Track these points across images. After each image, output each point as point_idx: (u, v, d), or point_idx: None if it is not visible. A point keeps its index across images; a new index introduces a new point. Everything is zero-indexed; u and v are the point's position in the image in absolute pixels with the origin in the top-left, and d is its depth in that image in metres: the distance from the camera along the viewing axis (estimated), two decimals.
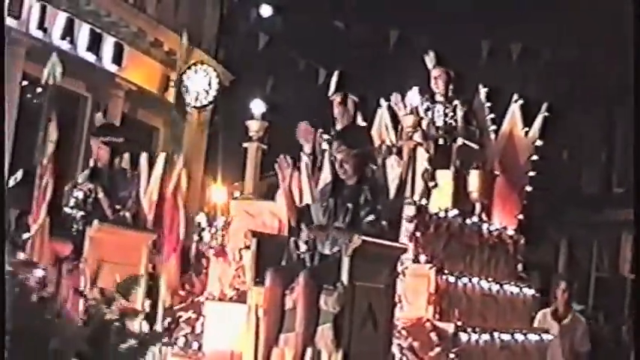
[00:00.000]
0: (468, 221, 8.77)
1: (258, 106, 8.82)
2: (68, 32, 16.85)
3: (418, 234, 7.95)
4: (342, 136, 6.97)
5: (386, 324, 6.60)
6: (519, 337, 8.85)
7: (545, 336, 9.40)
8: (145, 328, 8.16)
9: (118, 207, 8.01)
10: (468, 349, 7.84)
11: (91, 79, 17.45)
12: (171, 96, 18.72)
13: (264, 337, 6.47)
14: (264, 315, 6.49)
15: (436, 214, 8.27)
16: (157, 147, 19.36)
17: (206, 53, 19.50)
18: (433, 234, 8.16)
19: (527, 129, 9.75)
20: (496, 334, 8.39)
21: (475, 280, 8.42)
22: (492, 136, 9.88)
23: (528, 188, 9.63)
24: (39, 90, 17.19)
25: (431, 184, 9.05)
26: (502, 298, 8.98)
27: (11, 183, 16.03)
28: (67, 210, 8.08)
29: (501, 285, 8.93)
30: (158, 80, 18.58)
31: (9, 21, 15.63)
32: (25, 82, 16.65)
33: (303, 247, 6.68)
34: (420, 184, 8.67)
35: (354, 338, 6.28)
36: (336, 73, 8.97)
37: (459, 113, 9.59)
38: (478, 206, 9.24)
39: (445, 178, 9.25)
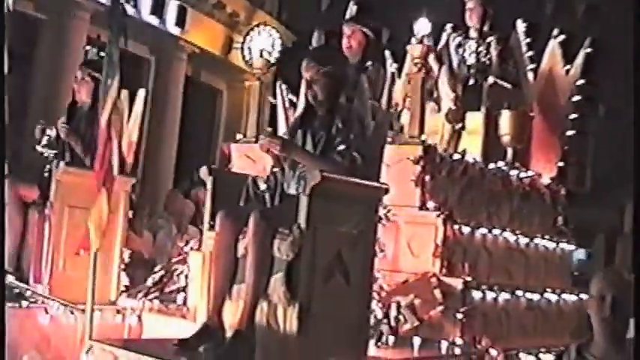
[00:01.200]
0: (491, 166, 7.36)
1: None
2: (157, 8, 16.13)
3: (426, 177, 6.61)
4: (312, 54, 5.71)
5: (361, 276, 5.32)
6: (552, 296, 7.43)
7: (584, 296, 7.91)
8: (125, 281, 7.19)
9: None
10: (480, 309, 6.51)
11: (154, 43, 16.68)
12: (234, 58, 17.70)
13: (213, 289, 5.33)
14: (214, 263, 5.34)
15: (450, 156, 6.91)
16: (221, 109, 18.49)
17: (269, 14, 18.40)
18: (445, 178, 6.83)
19: (568, 67, 8.22)
20: (521, 293, 6.98)
21: (497, 231, 7.01)
22: (530, 75, 8.38)
23: (569, 132, 8.13)
24: (102, 54, 16.48)
25: (457, 125, 7.71)
26: (534, 253, 7.61)
27: None
28: (38, 149, 7.02)
29: (532, 238, 7.48)
30: (221, 42, 17.61)
31: None
32: (88, 47, 15.90)
33: (262, 186, 5.45)
34: (431, 123, 7.39)
35: (316, 291, 5.06)
36: (352, 2, 7.60)
37: (493, 51, 8.16)
38: (510, 151, 7.81)
39: (476, 120, 7.89)
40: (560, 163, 8.23)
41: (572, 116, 8.24)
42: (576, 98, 8.22)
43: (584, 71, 8.21)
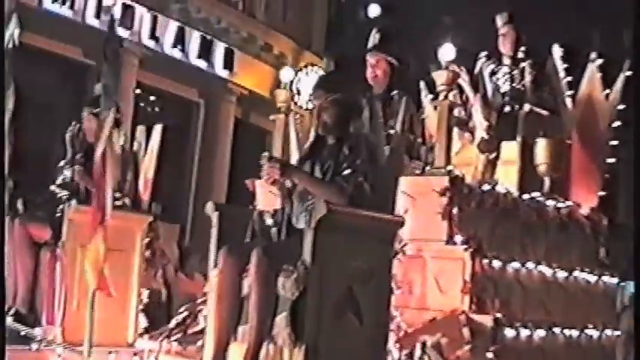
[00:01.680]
0: (525, 197, 6.88)
1: None
2: (179, 40, 16.06)
3: (454, 210, 6.16)
4: (320, 81, 5.36)
5: (376, 314, 4.91)
6: (593, 333, 6.87)
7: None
8: (144, 322, 6.88)
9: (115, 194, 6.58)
10: (513, 347, 6.01)
11: (203, 86, 16.54)
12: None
13: (217, 330, 4.95)
14: (217, 303, 4.97)
15: (480, 187, 6.47)
16: (271, 150, 18.19)
17: (316, 55, 18.15)
18: (474, 210, 6.36)
19: (608, 91, 7.72)
20: (558, 330, 6.46)
21: (531, 265, 6.51)
22: (569, 102, 7.89)
23: (610, 160, 7.60)
24: (152, 98, 16.54)
25: (491, 155, 7.26)
26: (573, 287, 7.06)
27: None
28: (52, 188, 6.75)
29: (571, 271, 6.96)
30: (269, 84, 17.40)
31: (122, 31, 15.09)
32: (138, 91, 16.03)
33: (269, 220, 5.08)
34: (466, 154, 6.95)
35: (325, 331, 4.66)
36: (375, 30, 7.23)
37: (528, 77, 7.70)
38: (547, 181, 7.32)
39: (512, 149, 7.43)
40: (601, 192, 7.65)
41: (613, 143, 7.67)
42: (617, 124, 7.67)
43: (625, 95, 7.67)
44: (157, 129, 6.78)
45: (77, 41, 14.73)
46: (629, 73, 7.73)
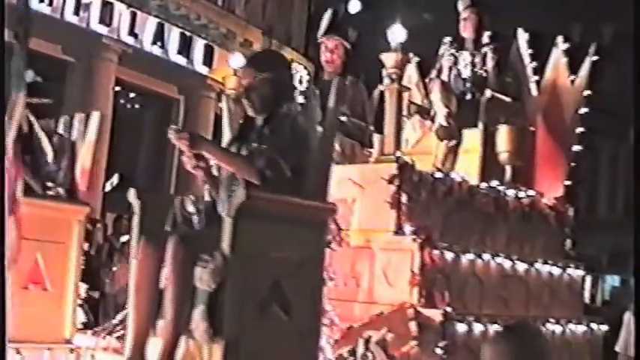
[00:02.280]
0: (483, 185, 6.47)
1: None
2: (159, 37, 15.72)
3: (403, 198, 5.74)
4: (250, 59, 4.94)
5: (306, 309, 4.47)
6: (556, 328, 6.44)
7: (596, 326, 6.93)
8: (82, 317, 6.46)
9: (48, 183, 6.17)
10: (466, 343, 5.59)
11: (182, 82, 16.15)
12: None
13: (134, 325, 4.52)
14: (134, 296, 4.54)
15: (432, 174, 6.04)
16: None
17: (295, 51, 17.74)
18: (426, 199, 5.93)
19: (574, 77, 7.30)
20: None
21: (487, 257, 6.08)
22: (534, 88, 7.46)
23: (576, 147, 7.18)
24: (132, 95, 16.19)
25: (450, 143, 6.84)
26: (535, 280, 6.62)
27: (107, 188, 14.84)
28: None
29: (532, 264, 6.53)
30: None
31: (100, 28, 14.79)
32: (117, 88, 15.70)
33: (191, 208, 4.65)
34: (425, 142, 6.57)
35: (247, 326, 4.22)
36: (328, 13, 6.80)
37: (490, 62, 7.28)
38: (509, 169, 6.90)
39: (473, 137, 7.02)
40: (567, 182, 7.23)
41: (579, 130, 7.25)
42: (583, 110, 7.24)
43: (591, 81, 7.24)
44: (95, 116, 6.34)
45: (56, 38, 14.38)
46: (595, 57, 7.31)
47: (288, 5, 18.27)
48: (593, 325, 7.00)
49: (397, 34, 6.10)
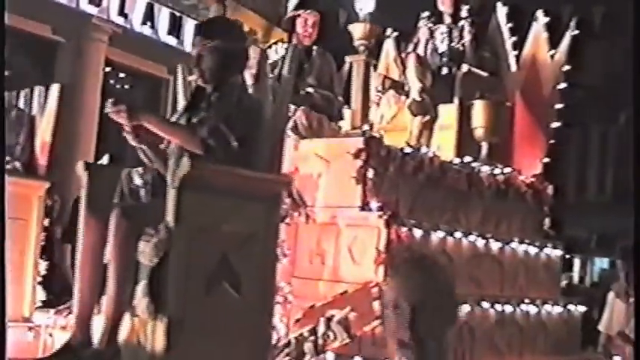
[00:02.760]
0: (456, 162, 6.24)
1: None
2: (149, 17, 15.46)
3: (369, 173, 5.52)
4: (200, 27, 4.71)
5: (258, 285, 4.25)
6: (531, 308, 6.22)
7: (573, 307, 6.71)
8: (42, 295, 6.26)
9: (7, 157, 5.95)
10: None
11: (172, 63, 15.79)
12: None
13: (78, 301, 4.31)
14: (79, 271, 4.33)
15: (401, 149, 5.80)
16: None
17: (286, 32, 17.40)
18: (395, 175, 5.71)
19: (554, 52, 7.05)
20: (488, 305, 5.81)
21: (458, 234, 5.86)
22: (513, 63, 7.22)
23: (555, 124, 6.93)
24: (122, 75, 15.95)
25: (425, 118, 6.61)
26: (510, 260, 6.39)
27: None
28: None
29: (508, 243, 6.30)
30: None
31: (90, 8, 14.57)
32: (107, 68, 15.46)
33: (138, 180, 4.43)
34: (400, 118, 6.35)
35: (193, 303, 4.00)
36: None
37: (467, 35, 7.03)
38: (485, 145, 6.67)
39: (450, 113, 6.79)
40: (546, 159, 6.99)
41: (558, 106, 7.01)
42: (562, 86, 7.00)
43: (571, 56, 6.99)
44: (54, 88, 6.12)
45: (46, 19, 14.14)
46: (576, 32, 7.06)
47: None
48: (571, 307, 6.77)
49: (365, 4, 5.86)
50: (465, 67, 6.93)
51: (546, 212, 6.99)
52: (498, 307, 5.97)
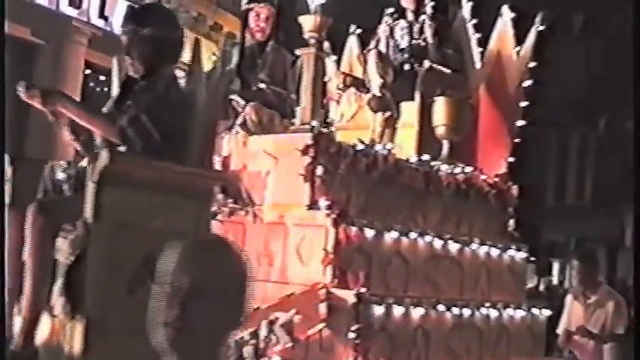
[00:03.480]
0: (413, 159, 6.03)
1: None
2: (102, 10, 15.28)
3: (318, 171, 5.30)
4: (129, 14, 4.51)
5: None
6: (492, 312, 5.99)
7: (537, 312, 6.48)
8: None
9: None
10: (384, 326, 5.14)
11: None
12: None
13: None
14: (8, 270, 4.13)
15: (353, 146, 5.59)
16: None
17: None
18: (346, 173, 5.49)
19: (519, 48, 6.83)
20: (442, 308, 5.59)
21: (414, 235, 5.63)
22: (478, 59, 7.01)
23: (520, 123, 6.72)
24: (102, 78, 15.74)
25: (385, 114, 6.41)
26: (471, 262, 6.18)
27: None
28: None
29: (468, 244, 6.08)
30: None
31: (70, 11, 14.40)
32: (87, 71, 15.27)
33: (61, 174, 4.22)
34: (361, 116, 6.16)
35: (115, 303, 3.80)
36: None
37: (428, 31, 6.83)
38: (446, 144, 6.46)
39: (412, 111, 6.58)
40: (510, 159, 6.77)
41: (524, 104, 6.79)
42: (528, 83, 6.78)
43: (537, 52, 6.78)
44: None
45: (25, 21, 13.96)
46: (541, 27, 6.85)
47: None
48: (535, 311, 6.54)
49: None
50: (426, 64, 6.71)
51: (510, 213, 6.76)
52: (456, 310, 5.74)
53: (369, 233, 5.46)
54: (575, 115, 18.64)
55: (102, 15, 15.14)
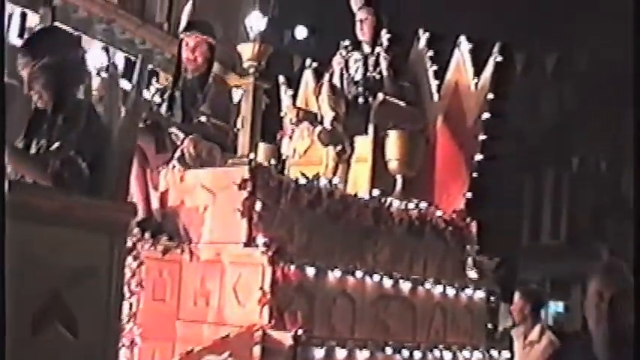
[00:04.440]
0: (362, 195, 5.75)
1: None
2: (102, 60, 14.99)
3: (256, 206, 5.02)
4: (24, 46, 4.23)
5: (98, 326, 3.71)
6: (446, 354, 5.68)
7: (496, 354, 6.16)
8: None
9: None
10: None
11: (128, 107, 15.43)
12: None
13: None
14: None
15: (296, 180, 5.32)
16: None
17: (240, 77, 17.02)
18: (288, 208, 5.20)
19: (477, 80, 6.59)
20: (390, 351, 5.28)
21: (359, 274, 5.34)
22: (435, 92, 6.76)
23: (478, 157, 6.45)
24: None
25: (336, 149, 6.16)
26: (425, 303, 5.87)
27: None
28: None
29: (421, 283, 5.78)
30: None
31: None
32: None
33: None
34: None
35: (19, 344, 3.48)
36: (188, 7, 6.07)
37: (383, 63, 6.60)
38: (399, 179, 6.19)
39: (365, 145, 6.33)
40: (468, 194, 6.49)
41: (482, 137, 6.52)
42: (486, 116, 6.52)
43: (496, 83, 6.54)
44: None
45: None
46: (500, 58, 6.61)
47: (234, 31, 17.62)
48: (494, 352, 6.22)
49: (256, 22, 5.42)
50: (380, 96, 6.46)
51: (469, 251, 6.45)
52: (406, 352, 5.42)
53: (311, 272, 5.16)
54: (548, 154, 18.56)
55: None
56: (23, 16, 14.08)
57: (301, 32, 15.92)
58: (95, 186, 3.86)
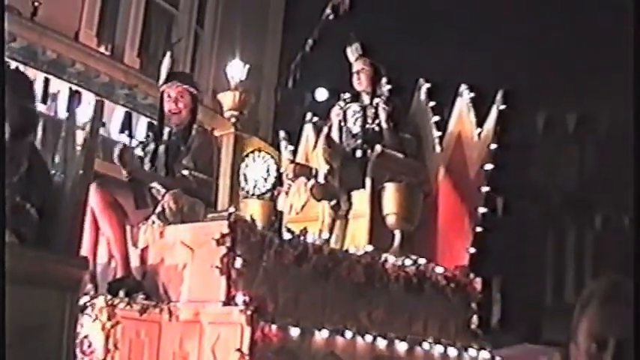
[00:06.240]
0: (352, 250, 5.46)
1: None
2: (126, 126, 15.00)
3: (237, 263, 4.76)
4: None
5: None
6: None
7: None
8: None
9: None
10: None
11: None
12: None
13: None
14: None
15: (280, 235, 5.05)
16: None
17: (263, 140, 16.85)
18: (272, 264, 4.93)
19: (480, 129, 6.32)
20: None
21: (349, 334, 5.02)
22: (437, 144, 6.50)
23: (482, 209, 6.13)
24: None
25: (331, 204, 5.91)
26: None
27: None
28: None
29: (418, 343, 5.44)
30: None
31: (39, 106, 14.17)
32: None
33: None
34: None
35: None
36: (167, 58, 5.85)
37: (382, 115, 6.36)
38: (398, 234, 5.89)
39: (363, 199, 6.07)
40: (472, 249, 6.16)
41: (485, 189, 6.22)
42: (489, 167, 6.22)
43: (500, 133, 6.25)
44: None
45: None
46: (502, 107, 6.34)
47: (255, 93, 17.52)
48: None
49: (236, 70, 5.21)
50: (378, 148, 6.20)
51: (473, 309, 6.10)
52: None
53: (295, 332, 4.85)
54: (571, 212, 18.20)
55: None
56: (46, 81, 14.13)
57: (322, 94, 15.79)
58: (44, 236, 3.63)
